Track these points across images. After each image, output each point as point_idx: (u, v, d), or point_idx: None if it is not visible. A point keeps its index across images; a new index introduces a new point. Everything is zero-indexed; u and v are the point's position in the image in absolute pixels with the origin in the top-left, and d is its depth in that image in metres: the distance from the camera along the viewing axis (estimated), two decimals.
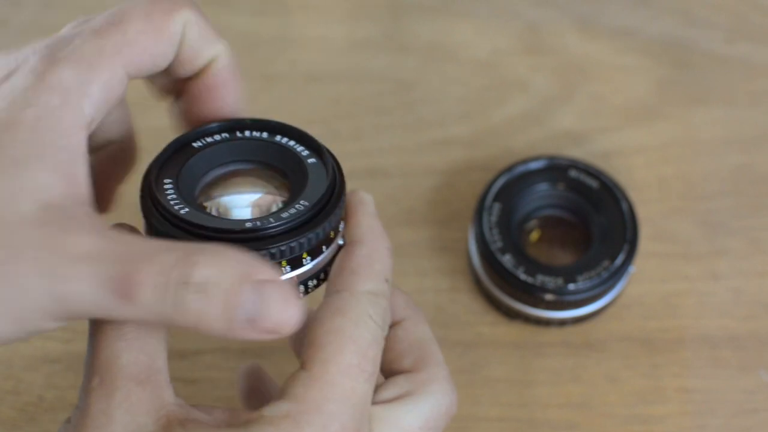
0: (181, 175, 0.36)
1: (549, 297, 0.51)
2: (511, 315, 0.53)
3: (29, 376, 0.51)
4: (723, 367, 0.52)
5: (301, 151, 0.37)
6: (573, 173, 0.55)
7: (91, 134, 0.39)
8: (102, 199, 0.40)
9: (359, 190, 0.39)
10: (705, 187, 0.58)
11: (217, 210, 0.36)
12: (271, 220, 0.34)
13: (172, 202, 0.34)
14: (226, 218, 0.35)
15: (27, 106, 0.33)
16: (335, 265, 0.36)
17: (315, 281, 0.36)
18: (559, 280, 0.51)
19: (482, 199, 0.54)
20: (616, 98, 0.62)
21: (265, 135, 0.38)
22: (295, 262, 0.35)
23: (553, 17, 0.66)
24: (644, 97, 0.62)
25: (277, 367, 0.46)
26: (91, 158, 0.40)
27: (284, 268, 0.35)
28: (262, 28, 0.65)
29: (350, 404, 0.33)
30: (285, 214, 0.34)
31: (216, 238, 0.33)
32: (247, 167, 0.37)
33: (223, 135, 0.37)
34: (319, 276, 0.36)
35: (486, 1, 0.66)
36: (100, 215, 0.34)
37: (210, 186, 0.37)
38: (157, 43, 0.35)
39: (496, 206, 0.54)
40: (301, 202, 0.35)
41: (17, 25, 0.65)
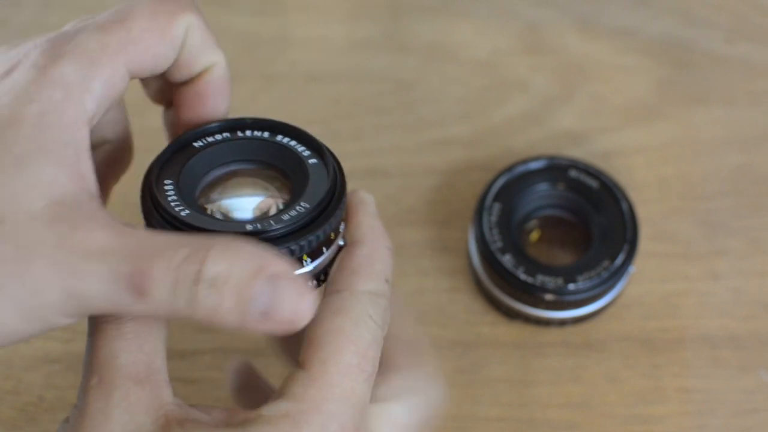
0: (182, 175, 0.36)
1: (549, 297, 0.51)
2: (511, 315, 0.53)
3: (29, 376, 0.51)
4: (723, 367, 0.52)
5: (302, 151, 0.37)
6: (573, 173, 0.55)
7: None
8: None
9: (360, 190, 0.38)
10: (705, 187, 0.58)
11: (218, 211, 0.36)
12: (272, 222, 0.34)
13: (172, 204, 0.34)
14: (227, 221, 0.35)
15: (30, 102, 0.32)
16: (336, 265, 0.36)
17: (315, 282, 0.36)
18: (559, 280, 0.51)
19: (482, 199, 0.54)
20: (616, 98, 0.62)
21: (266, 135, 0.37)
22: (296, 264, 0.34)
23: (553, 17, 0.66)
24: (644, 97, 0.62)
25: (276, 367, 0.46)
26: None
27: None
28: (262, 28, 0.65)
29: (349, 404, 0.33)
30: (286, 216, 0.34)
31: None
32: (248, 167, 0.37)
33: (224, 135, 0.37)
34: (319, 277, 0.36)
35: (486, 1, 0.66)
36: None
37: (211, 186, 0.37)
38: (160, 43, 0.35)
39: (496, 206, 0.54)
40: (302, 204, 0.35)
41: (17, 25, 0.65)
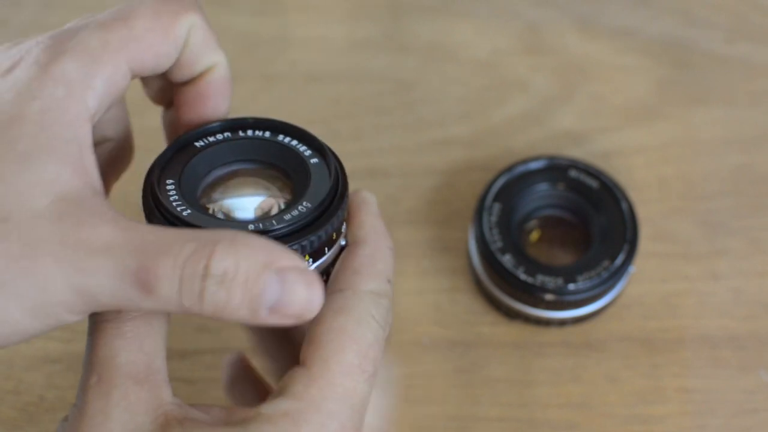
0: (184, 175, 0.36)
1: (549, 297, 0.51)
2: (511, 315, 0.53)
3: (30, 376, 0.51)
4: (723, 367, 0.52)
5: (304, 151, 0.37)
6: (573, 173, 0.55)
7: None
8: None
9: (362, 190, 0.38)
10: (705, 187, 0.58)
11: (220, 211, 0.36)
12: (274, 222, 0.34)
13: (174, 204, 0.34)
14: (229, 220, 0.35)
15: (32, 99, 0.32)
16: (338, 264, 0.36)
17: None
18: (559, 280, 0.51)
19: (482, 199, 0.54)
20: (616, 98, 0.62)
21: (267, 134, 0.37)
22: None
23: (553, 17, 0.66)
24: (644, 97, 0.62)
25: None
26: None
27: None
28: (262, 28, 0.65)
29: (349, 404, 0.33)
30: (288, 216, 0.34)
31: None
32: (250, 167, 0.37)
33: (225, 134, 0.37)
34: (321, 277, 0.36)
35: (486, 1, 0.66)
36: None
37: (212, 186, 0.37)
38: (162, 42, 0.35)
39: (496, 206, 0.54)
40: (304, 204, 0.35)
41: (17, 25, 0.65)
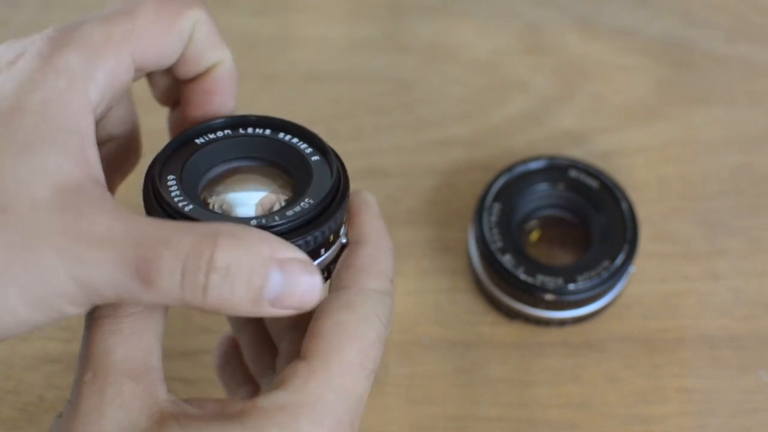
0: (184, 171, 0.36)
1: (549, 297, 0.51)
2: (511, 315, 0.53)
3: (30, 376, 0.51)
4: (723, 367, 0.52)
5: (305, 149, 0.37)
6: (573, 173, 0.55)
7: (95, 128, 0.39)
8: None
9: (363, 191, 0.39)
10: (705, 187, 0.58)
11: (221, 207, 0.36)
12: (276, 218, 0.34)
13: (176, 199, 0.34)
14: (231, 215, 0.35)
15: (34, 90, 0.33)
16: (341, 262, 0.37)
17: None
18: (559, 280, 0.51)
19: (482, 199, 0.54)
20: (616, 98, 0.62)
21: (268, 132, 0.38)
22: None
23: (553, 17, 0.66)
24: (644, 97, 0.62)
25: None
26: None
27: None
28: (262, 28, 0.65)
29: (348, 400, 0.33)
30: (290, 212, 0.34)
31: None
32: (251, 164, 0.37)
33: (225, 132, 0.37)
34: (323, 274, 0.36)
35: (486, 1, 0.66)
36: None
37: (213, 183, 0.37)
38: (165, 37, 0.35)
39: (496, 206, 0.54)
40: (307, 200, 0.35)
41: (17, 25, 0.65)
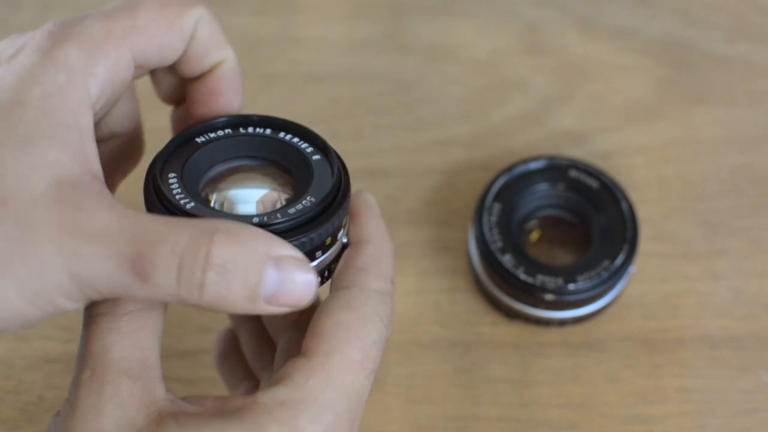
0: (185, 169, 0.36)
1: (549, 297, 0.51)
2: (511, 315, 0.53)
3: (30, 376, 0.51)
4: (723, 367, 0.52)
5: (306, 148, 0.37)
6: (573, 173, 0.55)
7: (96, 126, 0.39)
8: None
9: (364, 192, 0.39)
10: (705, 187, 0.58)
11: (222, 204, 0.36)
12: (279, 215, 0.34)
13: (177, 197, 0.34)
14: (232, 213, 0.35)
15: (33, 84, 0.33)
16: (342, 262, 0.37)
17: (319, 279, 0.36)
18: (559, 280, 0.51)
19: (482, 199, 0.54)
20: (616, 98, 0.62)
21: (268, 131, 0.38)
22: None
23: (553, 17, 0.66)
24: (644, 97, 0.62)
25: None
26: None
27: None
28: (262, 28, 0.65)
29: (347, 397, 0.33)
30: (292, 210, 0.34)
31: None
32: (252, 164, 0.37)
33: (226, 131, 0.37)
34: (323, 273, 0.36)
35: (486, 1, 0.66)
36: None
37: (214, 181, 0.37)
38: (167, 34, 0.35)
39: (496, 206, 0.54)
40: (308, 198, 0.35)
41: (17, 25, 0.65)
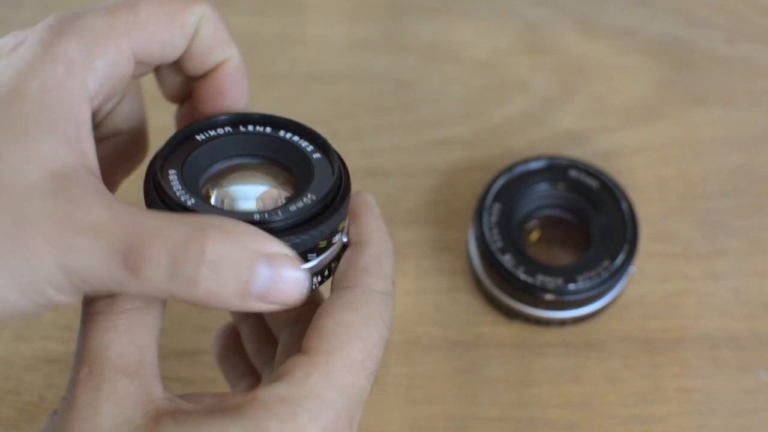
0: (185, 167, 0.36)
1: (549, 297, 0.51)
2: (511, 315, 0.53)
3: (30, 376, 0.51)
4: (723, 367, 0.52)
5: (306, 147, 0.37)
6: (573, 173, 0.55)
7: (99, 123, 0.39)
8: None
9: (364, 192, 0.39)
10: (705, 187, 0.58)
11: (222, 201, 0.36)
12: (279, 213, 0.34)
13: (177, 193, 0.34)
14: (233, 210, 0.35)
15: (32, 77, 0.33)
16: (344, 262, 0.37)
17: (319, 278, 0.36)
18: (559, 280, 0.51)
19: (482, 199, 0.54)
20: (616, 98, 0.62)
21: (268, 130, 0.38)
22: (302, 256, 0.34)
23: (553, 17, 0.66)
24: (644, 97, 0.62)
25: None
26: (98, 147, 0.40)
27: None
28: (262, 28, 0.65)
29: (347, 395, 0.33)
30: (293, 208, 0.34)
31: None
32: (251, 162, 0.37)
33: (226, 129, 0.37)
34: (323, 272, 0.36)
35: (486, 1, 0.66)
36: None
37: (214, 178, 0.37)
38: (168, 30, 0.35)
39: (496, 206, 0.54)
40: (309, 196, 0.35)
41: (17, 25, 0.64)
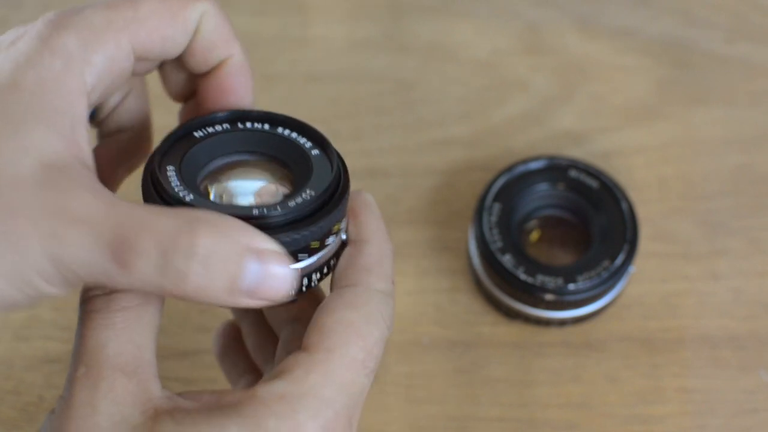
0: (183, 163, 0.35)
1: (549, 297, 0.51)
2: (511, 315, 0.53)
3: (30, 376, 0.51)
4: (723, 367, 0.52)
5: (304, 143, 0.37)
6: (573, 173, 0.55)
7: (104, 119, 0.39)
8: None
9: (363, 191, 0.38)
10: (705, 187, 0.58)
11: (221, 197, 0.36)
12: (279, 208, 0.34)
13: (176, 189, 0.34)
14: (232, 206, 0.35)
15: (29, 69, 0.33)
16: (344, 259, 0.36)
17: (318, 274, 0.36)
18: (559, 280, 0.51)
19: (482, 199, 0.54)
20: (616, 98, 0.62)
21: (266, 127, 0.37)
22: (302, 252, 0.34)
23: (553, 17, 0.66)
24: (644, 97, 0.62)
25: None
26: (101, 143, 0.40)
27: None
28: (262, 28, 0.65)
29: (347, 394, 0.33)
30: (292, 203, 0.34)
31: None
32: (250, 158, 0.37)
33: (224, 126, 0.37)
34: (322, 269, 0.36)
35: (486, 1, 0.66)
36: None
37: (212, 175, 0.37)
38: (169, 26, 0.35)
39: (496, 206, 0.54)
40: (308, 191, 0.35)
41: (17, 24, 0.65)
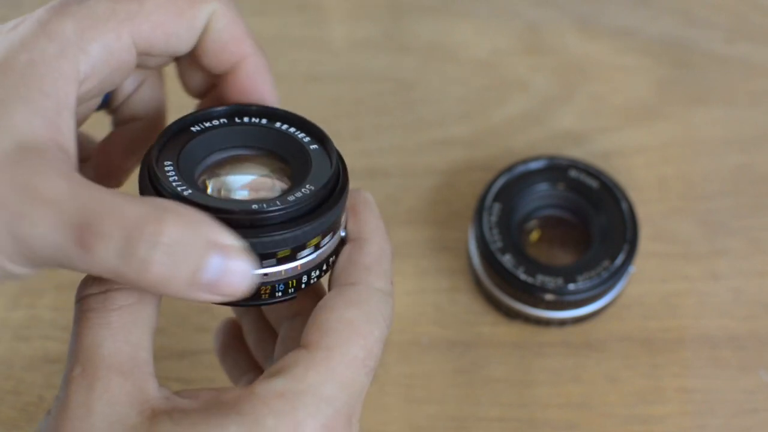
0: (181, 158, 0.35)
1: (549, 297, 0.51)
2: (511, 315, 0.53)
3: (30, 376, 0.51)
4: (723, 367, 0.52)
5: (303, 138, 0.37)
6: (573, 173, 0.55)
7: (118, 106, 0.39)
8: (113, 175, 0.40)
9: (362, 190, 0.38)
10: (705, 187, 0.58)
11: (219, 191, 0.36)
12: (278, 202, 0.33)
13: (174, 184, 0.34)
14: (231, 200, 0.35)
15: (22, 51, 0.33)
16: (343, 257, 0.36)
17: (318, 271, 0.36)
18: (559, 280, 0.51)
19: (482, 199, 0.54)
20: (616, 98, 0.62)
21: (264, 121, 0.37)
22: (301, 249, 0.34)
23: (553, 17, 0.66)
24: (644, 97, 0.62)
25: None
26: (116, 130, 0.40)
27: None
28: (263, 28, 0.65)
29: (347, 392, 0.33)
30: (291, 198, 0.34)
31: (222, 220, 0.32)
32: (248, 153, 0.37)
33: (222, 120, 0.37)
34: (321, 266, 0.36)
35: (486, 1, 0.66)
36: (78, 165, 0.33)
37: (210, 169, 0.36)
38: (173, 22, 0.35)
39: (496, 206, 0.54)
40: (307, 186, 0.34)
41: None
